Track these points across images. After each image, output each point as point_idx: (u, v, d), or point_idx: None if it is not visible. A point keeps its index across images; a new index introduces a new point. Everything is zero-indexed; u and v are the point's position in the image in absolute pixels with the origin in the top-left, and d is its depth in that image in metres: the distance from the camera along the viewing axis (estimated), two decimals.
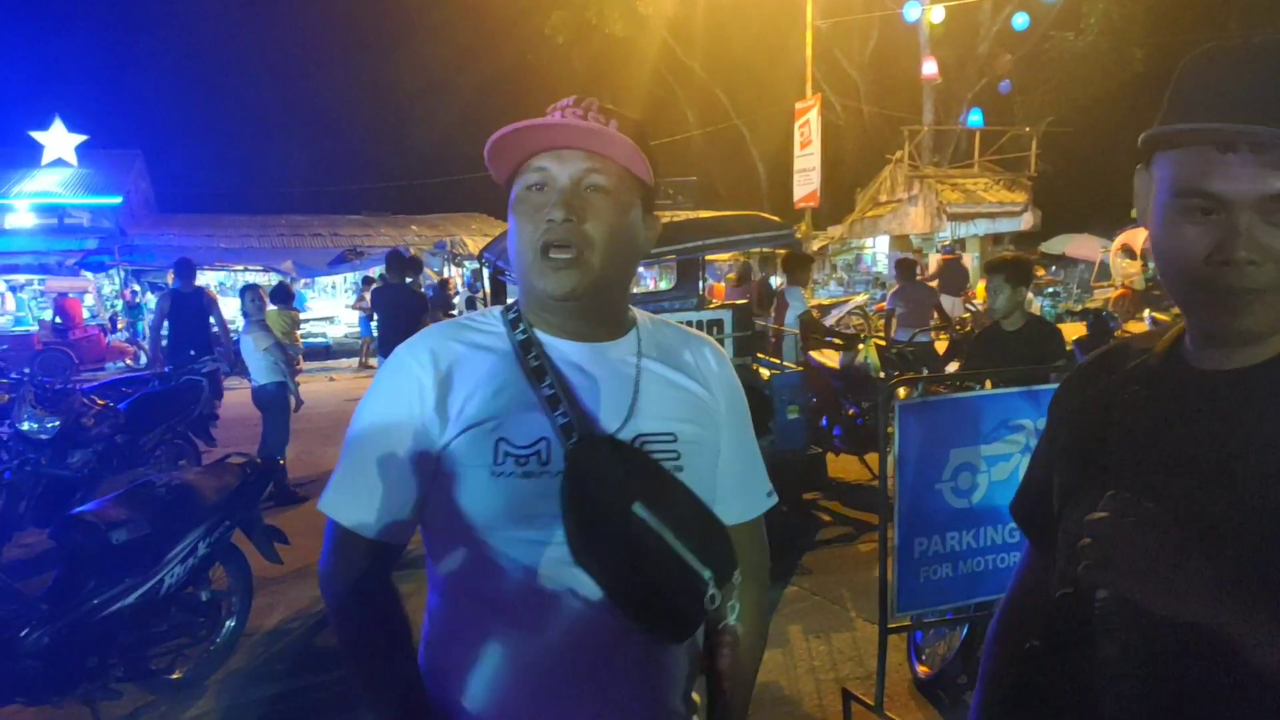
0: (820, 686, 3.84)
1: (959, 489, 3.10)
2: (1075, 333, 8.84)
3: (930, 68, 22.01)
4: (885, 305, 10.52)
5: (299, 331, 12.89)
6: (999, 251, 13.93)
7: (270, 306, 8.77)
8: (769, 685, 3.79)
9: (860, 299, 18.21)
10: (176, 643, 3.80)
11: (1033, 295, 16.03)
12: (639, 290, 17.50)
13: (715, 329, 6.00)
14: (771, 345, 8.07)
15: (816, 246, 22.50)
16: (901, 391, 3.38)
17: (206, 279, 17.94)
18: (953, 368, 6.22)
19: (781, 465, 5.24)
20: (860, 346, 7.25)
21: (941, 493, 3.09)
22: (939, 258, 16.14)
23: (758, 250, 11.02)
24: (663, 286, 16.72)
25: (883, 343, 7.75)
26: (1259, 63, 0.89)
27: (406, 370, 1.22)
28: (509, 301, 1.35)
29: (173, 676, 3.80)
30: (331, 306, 22.31)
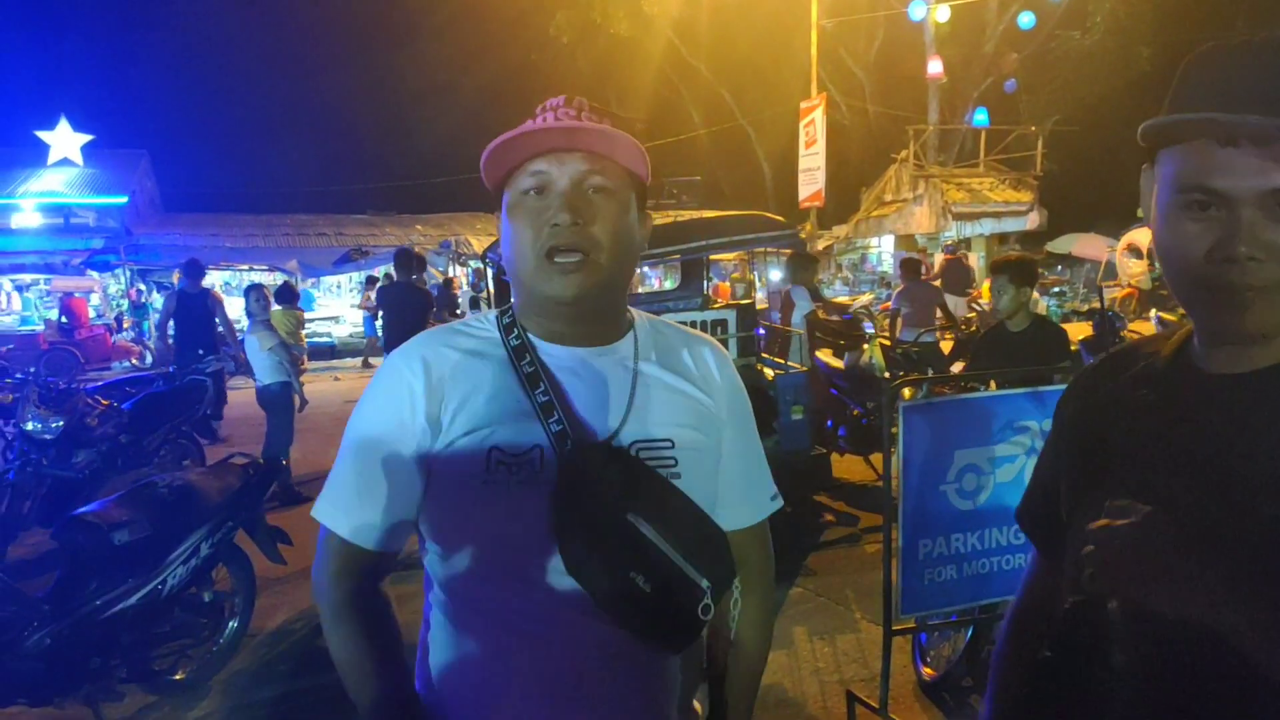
0: (824, 688, 3.82)
1: (964, 490, 3.08)
2: (1081, 332, 8.81)
3: (935, 67, 22.01)
4: (890, 305, 10.50)
5: (304, 331, 12.90)
6: (1004, 251, 13.88)
7: (275, 306, 8.78)
8: (773, 687, 3.77)
9: (865, 299, 18.19)
10: (179, 644, 3.80)
11: (1039, 295, 15.97)
12: (644, 290, 17.50)
13: (719, 329, 6.00)
14: (777, 346, 8.05)
15: (821, 246, 22.51)
16: (906, 392, 3.36)
17: (211, 279, 17.92)
18: (958, 368, 6.20)
19: (786, 466, 5.24)
20: (865, 346, 7.24)
21: (946, 494, 3.06)
22: (942, 257, 16.11)
23: (763, 251, 10.98)
24: (668, 286, 16.69)
25: (888, 342, 7.73)
26: (1261, 58, 0.88)
27: (399, 377, 1.21)
28: (504, 306, 1.34)
29: (175, 677, 3.80)
30: (337, 306, 22.39)
